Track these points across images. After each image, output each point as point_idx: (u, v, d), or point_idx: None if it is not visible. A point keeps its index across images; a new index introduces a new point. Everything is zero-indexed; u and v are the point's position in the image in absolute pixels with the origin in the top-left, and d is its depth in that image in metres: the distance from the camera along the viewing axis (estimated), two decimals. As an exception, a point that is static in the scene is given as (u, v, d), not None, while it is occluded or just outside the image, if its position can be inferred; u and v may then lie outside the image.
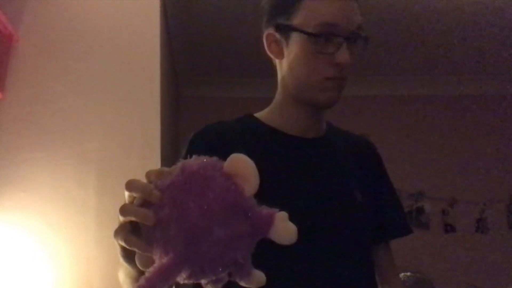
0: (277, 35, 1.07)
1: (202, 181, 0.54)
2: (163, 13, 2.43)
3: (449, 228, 4.07)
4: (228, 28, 3.24)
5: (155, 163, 2.06)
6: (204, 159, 0.57)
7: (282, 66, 1.10)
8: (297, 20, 1.03)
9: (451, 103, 4.19)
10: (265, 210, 0.57)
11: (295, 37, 1.04)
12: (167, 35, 2.76)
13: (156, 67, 2.14)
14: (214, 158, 0.57)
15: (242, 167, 0.56)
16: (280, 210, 0.57)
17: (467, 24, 3.25)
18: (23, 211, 1.98)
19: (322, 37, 1.01)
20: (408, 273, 3.88)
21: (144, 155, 2.06)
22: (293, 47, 1.05)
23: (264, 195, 0.84)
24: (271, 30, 1.08)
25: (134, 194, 0.59)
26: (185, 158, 0.61)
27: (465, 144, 4.13)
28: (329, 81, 1.03)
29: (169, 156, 2.67)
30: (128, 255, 0.69)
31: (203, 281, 0.55)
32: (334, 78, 1.03)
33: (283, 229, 0.57)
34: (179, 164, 0.57)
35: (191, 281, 0.54)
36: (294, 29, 1.03)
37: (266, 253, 0.91)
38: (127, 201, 0.61)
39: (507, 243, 4.00)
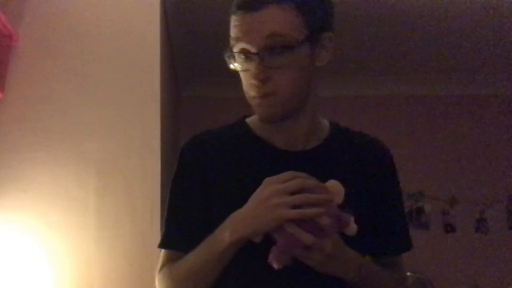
0: None
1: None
2: (163, 13, 2.43)
3: (449, 228, 4.07)
4: (228, 28, 3.24)
5: (155, 163, 2.06)
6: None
7: None
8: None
9: (451, 103, 4.19)
10: (346, 215, 0.95)
11: None
12: (167, 35, 2.76)
13: (156, 67, 2.14)
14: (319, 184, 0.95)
15: (333, 188, 0.95)
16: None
17: (467, 24, 3.24)
18: (23, 211, 1.98)
19: (231, 54, 0.99)
20: (408, 273, 3.87)
21: (144, 155, 2.06)
22: None
23: (241, 206, 0.96)
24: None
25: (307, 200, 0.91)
26: (177, 172, 1.10)
27: (465, 144, 4.13)
28: (256, 98, 1.00)
29: (169, 156, 2.67)
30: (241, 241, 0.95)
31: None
32: (256, 96, 1.00)
33: (352, 227, 0.96)
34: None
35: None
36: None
37: (249, 266, 1.00)
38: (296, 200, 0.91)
39: (507, 243, 4.00)
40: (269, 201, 0.92)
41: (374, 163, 1.11)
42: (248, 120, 1.13)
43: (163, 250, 1.11)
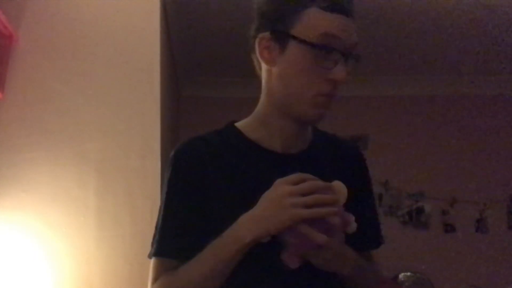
0: (272, 41, 1.03)
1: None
2: (163, 13, 2.43)
3: (449, 228, 4.07)
4: (228, 28, 3.24)
5: (155, 163, 2.06)
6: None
7: (271, 75, 1.06)
8: (297, 29, 1.00)
9: (451, 103, 4.19)
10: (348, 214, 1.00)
11: (293, 46, 1.01)
12: (167, 35, 2.76)
13: (156, 67, 2.14)
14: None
15: (338, 188, 0.99)
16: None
17: (467, 24, 3.25)
18: (23, 211, 1.98)
19: (323, 49, 0.98)
20: (408, 273, 3.87)
21: (144, 155, 2.06)
22: (290, 57, 1.01)
23: (242, 210, 0.97)
24: (266, 35, 1.04)
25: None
26: (171, 177, 1.08)
27: (465, 144, 4.13)
28: (322, 97, 1.01)
29: (169, 156, 2.67)
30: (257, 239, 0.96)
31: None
32: (326, 94, 1.01)
33: (353, 226, 1.00)
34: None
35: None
36: (294, 37, 1.00)
37: (249, 266, 1.00)
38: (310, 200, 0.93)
39: (507, 243, 4.00)
40: (284, 201, 0.93)
41: (351, 163, 1.16)
42: (237, 124, 1.13)
43: (154, 260, 1.07)
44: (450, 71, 4.04)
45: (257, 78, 1.17)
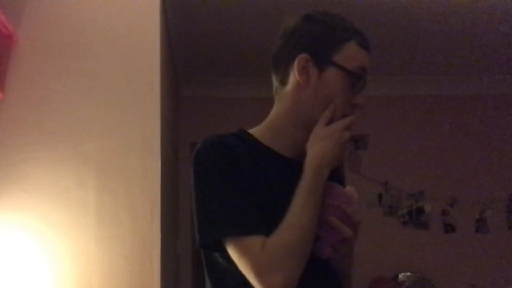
0: (309, 62, 1.13)
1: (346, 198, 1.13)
2: (163, 13, 2.43)
3: (449, 228, 4.07)
4: (228, 28, 3.24)
5: (155, 163, 2.06)
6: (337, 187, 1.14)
7: (300, 92, 1.14)
8: (338, 57, 1.13)
9: (451, 103, 4.19)
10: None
11: (332, 71, 1.12)
12: (167, 35, 2.76)
13: (156, 67, 2.14)
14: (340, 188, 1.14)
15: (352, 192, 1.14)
16: None
17: (467, 24, 3.25)
18: (23, 211, 1.98)
19: (357, 78, 1.13)
20: (408, 273, 3.88)
21: (144, 155, 2.06)
22: (328, 79, 1.13)
23: (267, 210, 1.07)
24: (305, 56, 1.13)
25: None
26: (226, 162, 1.07)
27: (465, 144, 4.13)
28: (345, 118, 1.14)
29: (169, 156, 2.67)
30: None
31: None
32: (349, 114, 1.15)
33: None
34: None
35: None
36: (337, 65, 1.12)
37: None
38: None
39: (507, 243, 4.00)
40: (343, 136, 1.11)
41: (335, 173, 1.26)
42: (250, 131, 1.19)
43: (240, 241, 1.03)
44: (450, 71, 4.04)
45: (256, 78, 1.19)
